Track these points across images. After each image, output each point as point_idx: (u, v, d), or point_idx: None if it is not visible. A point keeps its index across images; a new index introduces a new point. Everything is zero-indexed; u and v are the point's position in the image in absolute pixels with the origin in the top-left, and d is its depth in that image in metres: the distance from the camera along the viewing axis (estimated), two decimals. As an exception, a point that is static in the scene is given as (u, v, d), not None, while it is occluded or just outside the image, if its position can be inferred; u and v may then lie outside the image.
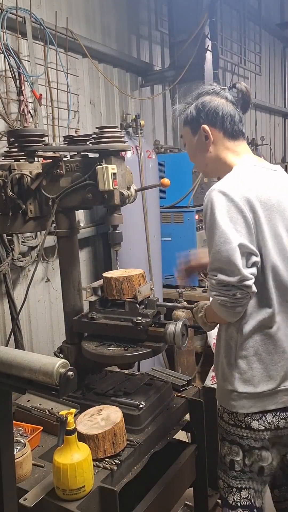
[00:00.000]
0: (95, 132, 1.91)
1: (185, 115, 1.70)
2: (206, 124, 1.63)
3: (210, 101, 1.63)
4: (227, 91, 1.66)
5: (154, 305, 1.89)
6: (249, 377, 1.54)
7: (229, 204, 1.44)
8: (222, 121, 1.62)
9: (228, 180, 1.51)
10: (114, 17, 4.25)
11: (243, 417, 1.57)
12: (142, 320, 1.79)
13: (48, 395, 1.17)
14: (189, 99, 1.70)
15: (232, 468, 1.62)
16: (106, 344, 1.88)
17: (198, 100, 1.65)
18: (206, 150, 1.65)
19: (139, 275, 1.93)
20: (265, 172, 1.60)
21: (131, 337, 1.84)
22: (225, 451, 1.64)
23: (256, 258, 1.45)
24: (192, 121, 1.67)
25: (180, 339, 1.78)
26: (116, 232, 1.91)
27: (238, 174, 1.54)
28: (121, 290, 1.89)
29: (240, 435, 1.58)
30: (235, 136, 1.64)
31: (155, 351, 1.82)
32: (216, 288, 1.46)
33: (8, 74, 2.99)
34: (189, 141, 1.71)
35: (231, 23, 6.15)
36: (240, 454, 1.60)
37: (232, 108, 1.63)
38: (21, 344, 3.00)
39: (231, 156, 1.64)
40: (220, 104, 1.62)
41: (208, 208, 1.48)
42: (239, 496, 1.62)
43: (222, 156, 1.64)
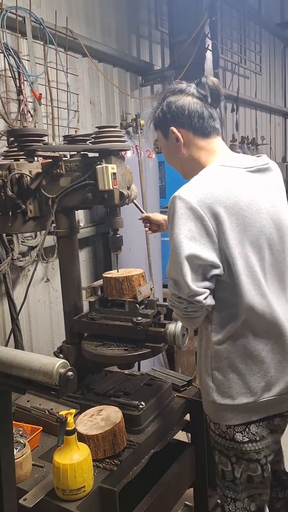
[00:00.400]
0: (95, 131, 1.91)
1: (154, 119, 1.63)
2: (174, 125, 1.55)
3: (175, 100, 1.54)
4: (193, 87, 1.55)
5: (154, 305, 1.89)
6: (226, 388, 1.47)
7: (188, 212, 1.36)
8: (190, 120, 1.52)
9: (190, 185, 1.43)
10: (114, 17, 4.24)
11: (226, 428, 1.51)
12: (142, 320, 1.79)
13: (48, 395, 1.16)
14: (156, 102, 1.62)
15: (224, 478, 1.58)
16: (106, 344, 1.88)
17: (163, 102, 1.57)
18: (179, 152, 1.58)
19: (139, 275, 1.93)
20: (235, 172, 1.47)
21: (131, 337, 1.84)
22: (216, 459, 1.60)
23: (216, 271, 1.38)
24: (161, 124, 1.59)
25: (180, 339, 1.77)
26: (117, 236, 1.91)
27: (203, 177, 1.45)
28: (121, 290, 1.89)
29: (226, 446, 1.53)
30: (206, 133, 1.54)
31: (155, 351, 1.81)
32: (171, 298, 1.46)
33: (7, 73, 2.99)
34: (163, 145, 1.65)
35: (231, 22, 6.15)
36: (229, 465, 1.54)
37: (199, 105, 1.52)
38: (21, 344, 3.00)
39: (204, 156, 1.55)
40: (185, 103, 1.52)
41: (169, 215, 1.41)
42: (234, 506, 1.57)
43: (196, 156, 1.56)
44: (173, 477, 1.87)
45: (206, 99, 1.54)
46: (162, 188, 4.14)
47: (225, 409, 1.48)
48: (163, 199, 4.14)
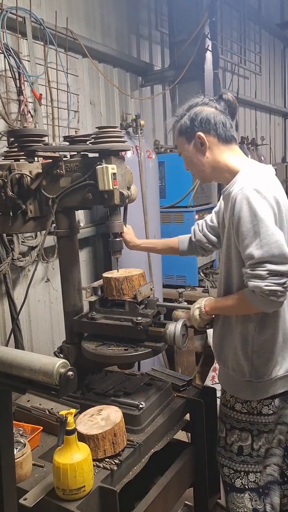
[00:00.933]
0: (95, 132, 1.91)
1: (178, 126, 1.80)
2: (201, 131, 1.74)
3: (201, 111, 1.75)
4: (215, 102, 1.78)
5: (154, 305, 1.89)
6: (264, 367, 1.69)
7: (264, 201, 1.55)
8: (215, 128, 1.73)
9: (253, 179, 1.61)
10: (114, 17, 4.25)
11: (256, 403, 1.72)
12: (142, 320, 1.79)
13: (48, 395, 1.17)
14: (180, 112, 1.81)
15: (240, 453, 1.76)
16: (106, 344, 1.88)
17: (190, 111, 1.77)
18: (203, 155, 1.76)
19: (139, 275, 1.94)
20: (270, 174, 1.73)
21: (131, 337, 1.84)
22: (234, 438, 1.77)
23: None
24: (187, 131, 1.77)
25: (180, 340, 1.78)
26: (117, 240, 1.92)
27: (257, 174, 1.65)
28: (121, 290, 1.90)
29: (251, 422, 1.74)
30: (228, 141, 1.76)
31: (155, 351, 1.82)
32: (267, 278, 1.52)
33: (8, 74, 2.99)
34: (186, 151, 1.81)
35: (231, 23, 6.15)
36: (249, 439, 1.75)
37: (222, 116, 1.75)
38: (21, 344, 3.00)
39: (231, 158, 1.75)
40: (211, 113, 1.74)
41: (244, 204, 1.55)
42: (246, 479, 1.77)
43: (221, 159, 1.75)
44: (173, 477, 1.87)
45: (225, 112, 1.77)
46: (162, 188, 4.14)
47: (261, 386, 1.71)
48: (163, 199, 4.15)
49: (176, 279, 4.17)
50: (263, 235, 1.52)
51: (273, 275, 1.51)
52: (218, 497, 2.27)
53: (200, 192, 4.19)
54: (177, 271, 4.15)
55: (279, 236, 1.52)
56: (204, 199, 4.31)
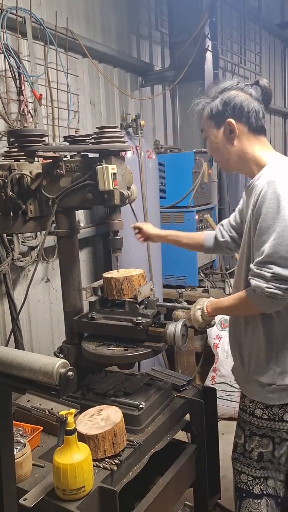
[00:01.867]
0: (95, 132, 1.91)
1: (209, 109, 1.70)
2: (232, 118, 1.65)
3: (235, 96, 1.65)
4: (250, 87, 1.68)
5: (154, 305, 1.89)
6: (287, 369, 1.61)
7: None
8: (248, 116, 1.64)
9: (281, 172, 1.53)
10: (114, 17, 4.25)
11: (278, 409, 1.65)
12: (142, 320, 1.79)
13: (48, 395, 1.17)
14: (212, 93, 1.71)
15: (261, 460, 1.70)
16: (106, 344, 1.88)
17: (223, 95, 1.67)
18: (231, 144, 1.67)
19: (139, 275, 1.94)
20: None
21: (131, 337, 1.84)
22: (254, 445, 1.71)
23: None
24: (217, 115, 1.68)
25: (180, 340, 1.78)
26: (117, 238, 1.91)
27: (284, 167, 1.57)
28: (121, 291, 1.90)
29: (272, 428, 1.67)
30: (258, 131, 1.67)
31: (155, 351, 1.82)
32: (270, 280, 1.50)
33: (8, 74, 2.99)
34: (213, 135, 1.72)
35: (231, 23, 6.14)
36: (270, 446, 1.68)
37: (256, 104, 1.65)
38: (21, 344, 3.00)
39: (258, 150, 1.67)
40: (245, 100, 1.64)
41: (273, 199, 1.48)
42: (265, 485, 1.71)
43: (249, 150, 1.67)
44: (173, 477, 1.87)
45: (259, 100, 1.68)
46: (162, 188, 4.14)
47: (284, 389, 1.62)
48: (163, 199, 4.15)
49: (176, 279, 4.17)
50: (279, 235, 1.46)
51: (277, 278, 1.48)
52: (218, 497, 2.27)
53: (200, 192, 4.19)
54: (177, 271, 4.15)
55: None
56: (204, 199, 4.31)
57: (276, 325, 1.62)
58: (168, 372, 2.24)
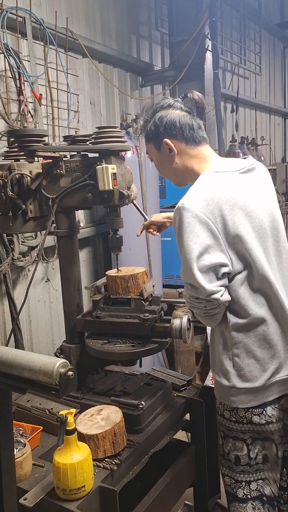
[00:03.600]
0: (95, 132, 1.91)
1: (145, 132, 1.74)
2: (167, 137, 1.66)
3: (166, 114, 1.67)
4: (180, 102, 1.70)
5: (159, 301, 1.93)
6: (246, 372, 1.58)
7: (194, 220, 1.47)
8: (182, 131, 1.65)
9: (191, 194, 1.53)
10: (114, 17, 4.25)
11: (244, 412, 1.60)
12: (149, 316, 1.83)
13: (48, 395, 1.17)
14: (146, 117, 1.74)
15: (238, 463, 1.65)
16: (111, 342, 1.89)
17: (155, 116, 1.69)
18: (172, 162, 1.69)
19: (143, 273, 1.97)
20: (229, 176, 1.59)
21: (137, 333, 1.87)
22: (229, 447, 1.67)
23: (226, 269, 1.49)
24: (154, 137, 1.70)
25: (186, 333, 1.83)
26: (117, 236, 1.92)
27: (201, 185, 1.56)
28: (127, 288, 1.92)
29: (242, 431, 1.62)
30: (197, 142, 1.68)
31: (162, 346, 1.86)
32: (189, 300, 1.56)
33: (8, 74, 2.99)
34: (155, 157, 1.75)
35: (231, 23, 6.15)
36: (245, 449, 1.63)
37: (188, 117, 1.67)
38: (21, 344, 3.00)
39: (197, 164, 1.68)
40: (175, 116, 1.66)
41: (176, 226, 1.52)
42: (248, 489, 1.66)
43: (189, 164, 1.68)
44: (173, 477, 1.87)
45: (192, 112, 1.69)
46: (162, 188, 4.14)
47: (244, 392, 1.58)
48: (163, 199, 4.15)
49: (176, 279, 4.17)
50: (182, 260, 1.51)
51: (194, 298, 1.53)
52: (218, 497, 2.27)
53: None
54: (177, 271, 4.14)
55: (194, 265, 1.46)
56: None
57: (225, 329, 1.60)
58: (168, 372, 2.25)
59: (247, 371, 1.58)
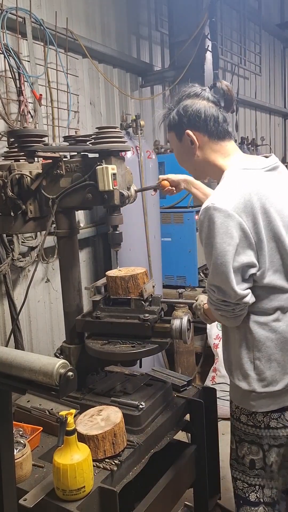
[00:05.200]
0: (95, 132, 1.91)
1: (168, 121, 1.67)
2: (190, 128, 1.60)
3: (191, 104, 1.59)
4: (207, 92, 1.62)
5: (159, 302, 1.93)
6: (268, 376, 1.55)
7: (227, 220, 1.42)
8: (206, 124, 1.58)
9: (222, 192, 1.48)
10: (114, 17, 4.25)
11: (262, 417, 1.59)
12: (149, 317, 1.83)
13: (48, 395, 1.16)
14: (169, 104, 1.67)
15: (253, 467, 1.64)
16: (111, 342, 1.89)
17: (179, 105, 1.62)
18: (193, 154, 1.63)
19: (143, 273, 1.97)
20: (257, 174, 1.55)
21: (137, 334, 1.87)
22: (244, 451, 1.65)
23: (253, 270, 1.47)
24: (176, 127, 1.64)
25: (186, 334, 1.83)
26: (116, 233, 1.91)
27: (230, 183, 1.51)
28: (127, 289, 1.92)
29: (259, 435, 1.61)
30: (221, 137, 1.61)
31: (162, 346, 1.86)
32: (215, 303, 1.53)
33: (8, 74, 2.99)
34: (176, 146, 1.69)
35: (231, 23, 6.15)
36: (260, 453, 1.62)
37: (214, 109, 1.59)
38: (21, 345, 3.00)
39: (220, 159, 1.62)
40: (201, 107, 1.58)
41: (205, 226, 1.47)
42: (261, 493, 1.65)
43: (211, 159, 1.62)
44: (173, 477, 1.87)
45: (220, 104, 1.61)
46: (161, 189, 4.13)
47: (264, 396, 1.56)
48: (163, 199, 4.15)
49: (176, 280, 4.17)
50: (214, 262, 1.45)
51: (221, 301, 1.50)
52: (218, 497, 2.27)
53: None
54: (177, 272, 4.15)
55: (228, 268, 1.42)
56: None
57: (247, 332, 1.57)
58: (168, 372, 2.24)
59: (269, 374, 1.55)
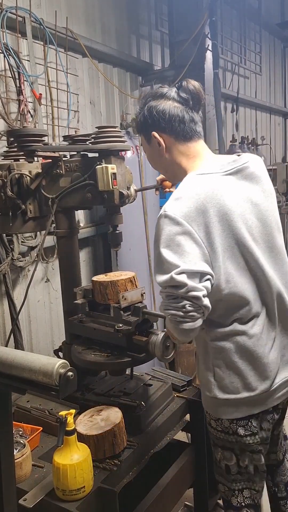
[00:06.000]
0: (95, 131, 1.91)
1: (136, 123, 1.65)
2: (155, 130, 1.56)
3: (155, 105, 1.55)
4: (174, 91, 1.57)
5: (139, 312, 1.78)
6: (227, 383, 1.50)
7: (176, 229, 1.37)
8: (171, 125, 1.53)
9: (174, 199, 1.43)
10: (114, 17, 4.24)
11: (229, 423, 1.53)
12: (123, 327, 1.72)
13: (48, 395, 1.16)
14: (138, 106, 1.64)
15: (229, 472, 1.61)
16: (92, 349, 1.84)
17: (145, 106, 1.58)
18: (162, 156, 1.59)
19: (127, 280, 1.85)
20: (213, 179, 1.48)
21: (114, 343, 1.80)
22: (219, 456, 1.63)
23: (208, 276, 1.39)
24: (143, 129, 1.61)
25: (161, 349, 1.68)
26: (116, 232, 1.90)
27: (183, 190, 1.45)
28: (105, 295, 1.84)
29: (229, 441, 1.56)
30: (188, 137, 1.56)
31: (136, 361, 1.75)
32: (166, 302, 1.40)
33: (8, 73, 2.99)
34: (146, 149, 1.66)
35: (231, 22, 6.14)
36: (234, 458, 1.58)
37: (180, 109, 1.54)
38: (21, 345, 3.00)
39: (185, 161, 1.57)
40: (166, 107, 1.53)
41: (156, 234, 1.42)
42: (242, 497, 1.62)
43: (178, 161, 1.58)
44: (173, 477, 1.87)
45: (187, 103, 1.55)
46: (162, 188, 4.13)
47: (226, 403, 1.51)
48: (163, 199, 4.14)
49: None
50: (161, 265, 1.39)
51: (171, 297, 1.37)
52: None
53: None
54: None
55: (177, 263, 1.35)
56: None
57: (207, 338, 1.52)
58: (168, 372, 2.24)
59: (228, 382, 1.49)
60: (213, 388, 1.52)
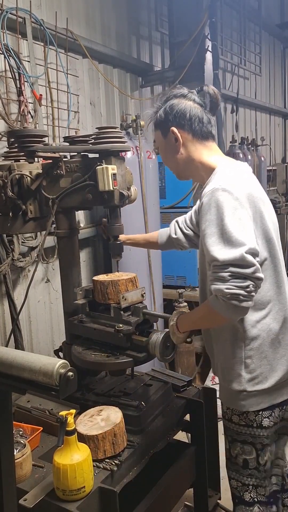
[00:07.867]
0: (95, 132, 1.91)
1: (155, 119, 1.73)
2: (175, 126, 1.66)
3: (177, 103, 1.66)
4: (194, 94, 1.70)
5: (140, 312, 1.80)
6: (258, 374, 1.58)
7: (236, 203, 1.46)
8: (190, 123, 1.65)
9: (226, 178, 1.53)
10: (114, 18, 4.25)
11: (254, 416, 1.61)
12: (123, 328, 1.73)
13: (48, 395, 1.17)
14: (158, 103, 1.74)
15: (246, 467, 1.66)
16: (92, 349, 1.85)
17: (166, 104, 1.69)
18: (177, 152, 1.69)
19: (127, 280, 1.86)
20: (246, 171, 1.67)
21: (114, 343, 1.80)
22: (237, 451, 1.67)
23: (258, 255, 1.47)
24: (162, 124, 1.70)
25: (160, 349, 1.69)
26: (117, 243, 1.90)
27: (231, 171, 1.58)
28: (106, 295, 1.85)
29: (252, 435, 1.62)
30: (205, 137, 1.68)
31: (136, 361, 1.76)
32: (229, 281, 1.41)
33: (8, 74, 2.99)
34: (161, 144, 1.75)
35: (231, 23, 6.15)
36: (254, 453, 1.64)
37: (200, 110, 1.67)
38: (21, 345, 3.00)
39: (206, 155, 1.68)
40: (187, 107, 1.65)
41: (212, 207, 1.47)
42: (255, 493, 1.67)
43: (195, 156, 1.68)
44: (173, 477, 1.87)
45: (205, 106, 1.69)
46: (162, 189, 4.14)
47: (255, 394, 1.59)
48: (163, 199, 4.15)
49: (176, 280, 4.17)
50: (227, 240, 1.42)
51: (236, 277, 1.40)
52: (218, 497, 2.27)
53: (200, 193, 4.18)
54: (177, 272, 4.14)
55: (245, 240, 1.41)
56: (204, 199, 4.30)
57: (240, 330, 1.58)
58: (168, 373, 2.24)
59: (259, 373, 1.57)
60: (243, 381, 1.58)
